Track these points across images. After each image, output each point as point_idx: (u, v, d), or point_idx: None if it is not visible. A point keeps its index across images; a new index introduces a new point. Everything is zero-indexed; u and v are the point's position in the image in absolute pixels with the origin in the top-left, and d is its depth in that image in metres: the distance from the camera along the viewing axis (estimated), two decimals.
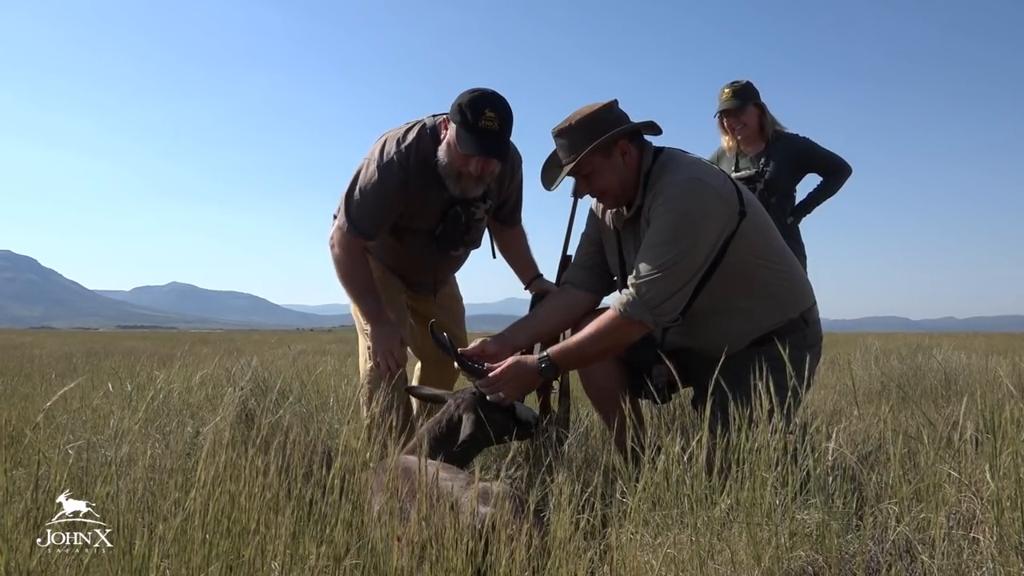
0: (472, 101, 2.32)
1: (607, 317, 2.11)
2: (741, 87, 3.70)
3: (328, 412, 2.87)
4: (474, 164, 2.40)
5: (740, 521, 1.41)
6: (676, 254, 2.03)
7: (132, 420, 2.19)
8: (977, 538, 1.38)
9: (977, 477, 1.57)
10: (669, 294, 2.05)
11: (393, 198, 2.50)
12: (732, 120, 3.73)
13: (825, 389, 4.07)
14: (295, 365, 4.50)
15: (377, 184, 2.47)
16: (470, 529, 1.30)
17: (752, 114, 3.70)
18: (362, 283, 2.58)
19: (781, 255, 2.25)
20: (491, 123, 2.32)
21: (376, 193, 2.48)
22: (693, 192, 2.07)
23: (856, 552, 1.40)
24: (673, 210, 2.06)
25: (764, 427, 1.53)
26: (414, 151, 2.48)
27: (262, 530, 1.26)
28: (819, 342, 2.30)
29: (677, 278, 2.04)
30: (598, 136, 2.13)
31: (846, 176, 3.79)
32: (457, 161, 2.41)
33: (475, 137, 2.32)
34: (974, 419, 2.12)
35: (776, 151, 3.69)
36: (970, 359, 5.29)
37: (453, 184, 2.48)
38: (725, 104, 3.71)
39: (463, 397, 2.17)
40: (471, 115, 2.31)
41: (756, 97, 3.71)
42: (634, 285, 2.07)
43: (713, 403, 1.67)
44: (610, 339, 2.13)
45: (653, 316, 2.06)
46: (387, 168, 2.46)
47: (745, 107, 3.67)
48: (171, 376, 3.43)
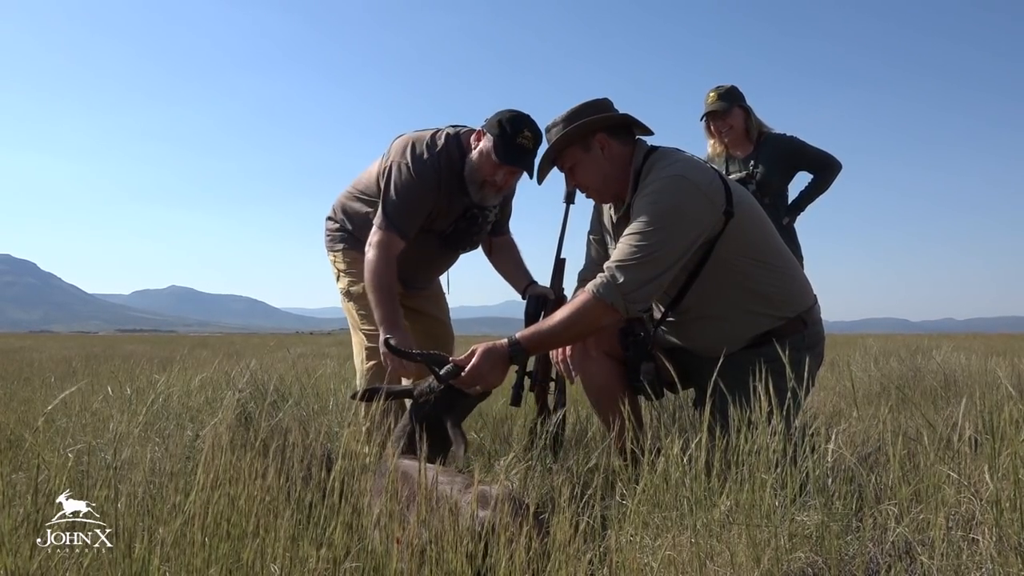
0: (513, 119, 2.56)
1: (579, 299, 2.12)
2: (726, 90, 3.71)
3: (328, 415, 2.87)
4: (502, 175, 2.60)
5: (739, 523, 1.41)
6: (653, 244, 2.04)
7: (132, 424, 2.19)
8: (976, 539, 1.38)
9: (976, 478, 1.57)
10: (643, 282, 2.05)
11: (429, 198, 2.65)
12: (719, 123, 3.73)
13: (824, 390, 4.07)
14: (295, 368, 4.50)
15: (416, 185, 2.62)
16: (470, 531, 1.30)
17: (738, 116, 3.71)
18: (388, 288, 2.61)
19: (778, 255, 2.25)
20: (527, 141, 2.54)
21: (414, 193, 2.62)
22: (675, 187, 2.09)
23: (856, 553, 1.40)
24: (654, 203, 2.08)
25: (763, 429, 1.53)
26: (444, 156, 2.66)
27: (261, 533, 1.26)
28: (820, 343, 2.29)
29: (652, 268, 2.05)
30: (577, 125, 2.20)
31: (836, 172, 3.79)
32: (487, 169, 2.60)
33: (511, 150, 2.53)
34: (973, 420, 2.12)
35: (764, 152, 3.70)
36: (969, 360, 5.29)
37: (475, 191, 2.66)
38: (711, 107, 3.71)
39: (430, 394, 2.15)
40: (511, 129, 2.53)
41: (741, 100, 3.72)
42: (609, 268, 2.08)
43: (712, 404, 1.67)
44: (580, 322, 2.10)
45: (625, 302, 2.05)
46: (423, 170, 2.62)
47: (731, 109, 3.68)
48: (170, 380, 3.43)
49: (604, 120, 2.24)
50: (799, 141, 3.76)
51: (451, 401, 2.13)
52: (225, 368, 3.97)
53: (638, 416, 2.39)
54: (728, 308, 2.20)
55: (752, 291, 2.19)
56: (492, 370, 2.12)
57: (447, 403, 2.12)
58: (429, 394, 2.15)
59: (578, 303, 2.11)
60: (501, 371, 2.16)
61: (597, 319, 2.12)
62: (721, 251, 2.14)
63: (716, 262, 2.15)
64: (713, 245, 2.14)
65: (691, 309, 2.23)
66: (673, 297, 2.25)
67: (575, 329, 2.13)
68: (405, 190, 2.62)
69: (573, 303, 2.13)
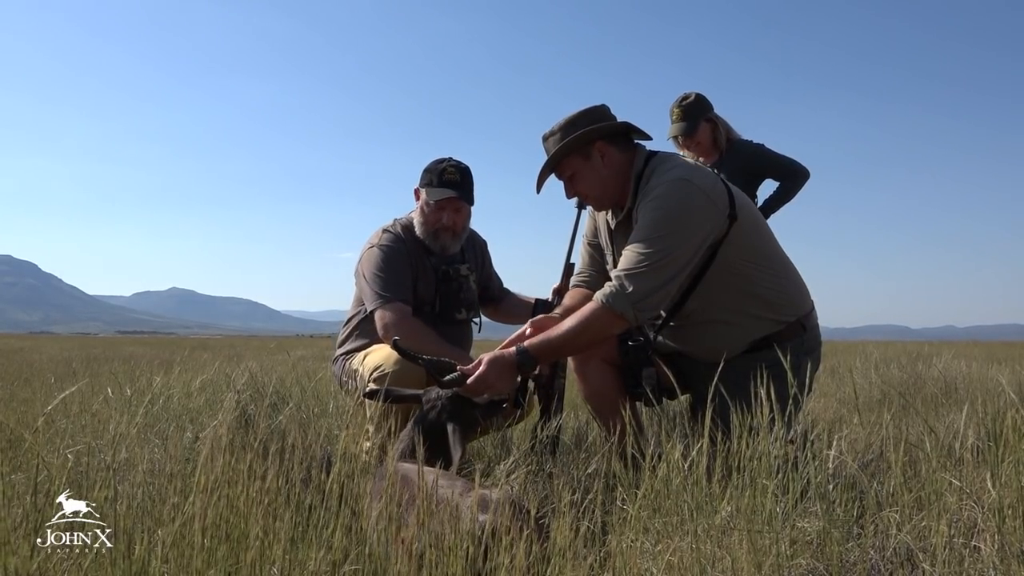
0: (433, 163, 2.80)
1: (588, 308, 2.10)
2: (690, 104, 3.67)
3: (327, 418, 2.87)
4: (447, 215, 2.77)
5: (741, 528, 1.41)
6: (661, 250, 2.03)
7: (131, 425, 2.19)
8: (978, 546, 1.38)
9: (978, 485, 1.57)
10: (653, 290, 2.04)
11: (405, 262, 2.78)
12: (687, 141, 3.71)
13: (825, 397, 4.06)
14: (295, 371, 4.50)
15: (389, 253, 2.77)
16: (470, 535, 1.29)
17: (704, 132, 3.69)
18: (433, 342, 2.57)
19: (778, 258, 2.25)
20: (453, 175, 2.76)
21: (390, 262, 2.75)
22: (680, 191, 2.08)
23: (857, 560, 1.40)
24: (659, 208, 2.07)
25: (765, 434, 1.53)
26: (401, 229, 2.87)
27: (261, 535, 1.25)
28: (818, 347, 2.29)
29: (661, 274, 2.04)
30: (575, 135, 2.19)
31: (803, 180, 3.74)
32: (432, 217, 2.77)
33: (441, 186, 2.74)
34: (975, 427, 2.12)
35: (728, 160, 3.68)
36: (970, 367, 5.29)
37: (433, 242, 2.81)
38: (675, 130, 3.69)
39: (437, 401, 2.14)
40: (435, 172, 2.77)
41: (706, 112, 3.68)
42: (618, 277, 2.07)
43: (712, 410, 1.67)
44: (589, 331, 2.09)
45: (634, 311, 2.04)
46: (390, 242, 2.80)
47: (696, 129, 3.66)
48: (171, 381, 3.43)
49: (603, 129, 2.23)
50: (763, 148, 3.73)
51: (457, 410, 2.11)
52: (225, 370, 3.97)
53: (638, 421, 2.38)
54: (730, 312, 2.20)
55: (754, 295, 2.19)
56: (499, 379, 2.11)
57: (452, 412, 2.10)
58: (436, 401, 2.14)
59: (587, 312, 2.09)
60: (509, 379, 2.15)
61: (606, 328, 2.11)
62: (724, 255, 2.14)
63: (719, 266, 2.15)
64: (717, 249, 2.13)
65: (693, 313, 2.23)
66: (676, 302, 2.25)
67: (584, 338, 2.12)
68: (383, 263, 2.74)
69: (582, 312, 2.11)
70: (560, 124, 2.24)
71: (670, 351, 2.38)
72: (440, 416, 2.10)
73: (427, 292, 2.83)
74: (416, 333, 2.57)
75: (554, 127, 2.26)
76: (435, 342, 2.57)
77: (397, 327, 2.57)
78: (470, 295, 2.93)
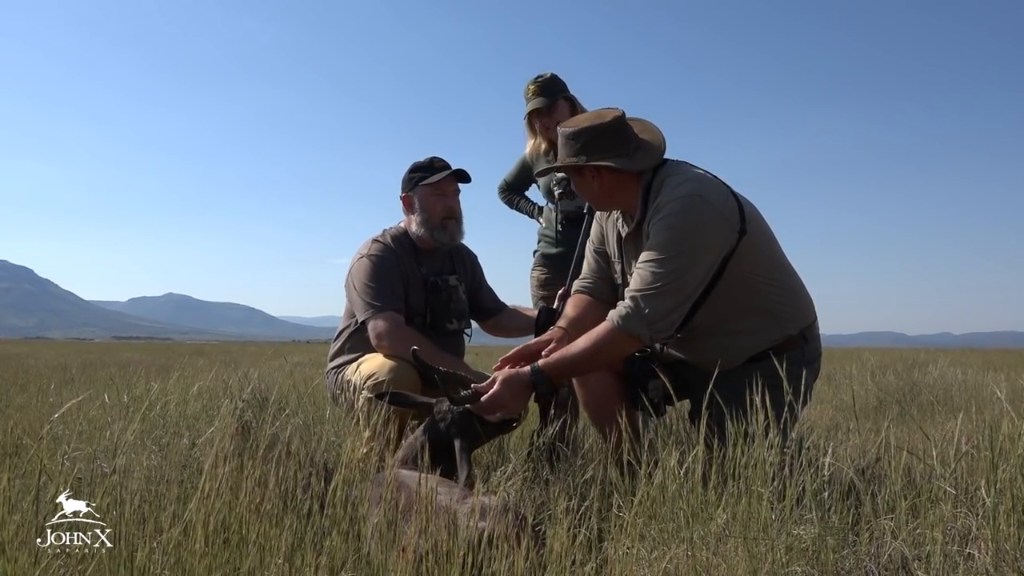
0: (415, 164, 2.85)
1: (602, 329, 2.09)
2: (546, 80, 3.40)
3: (325, 424, 2.87)
4: (450, 198, 2.81)
5: (736, 535, 1.41)
6: (675, 270, 2.02)
7: (128, 432, 2.19)
8: (973, 554, 1.39)
9: (973, 493, 1.57)
10: (668, 310, 2.04)
11: (394, 270, 2.77)
12: (544, 119, 3.41)
13: (822, 404, 4.07)
14: (292, 377, 4.49)
15: (379, 265, 2.75)
16: (467, 542, 1.30)
17: (563, 109, 3.40)
18: (431, 353, 2.47)
19: (783, 271, 2.24)
20: (442, 162, 2.82)
21: (380, 272, 2.74)
22: (693, 209, 2.06)
23: (852, 567, 1.40)
24: (672, 227, 2.05)
25: (760, 442, 1.54)
26: (391, 238, 2.87)
27: (261, 541, 1.26)
28: (818, 358, 2.29)
29: (676, 295, 2.03)
30: (571, 154, 2.17)
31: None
32: (435, 208, 2.79)
33: (434, 169, 2.79)
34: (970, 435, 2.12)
35: None
36: (966, 375, 5.30)
37: (441, 234, 2.81)
38: (534, 104, 3.39)
39: (448, 414, 2.12)
40: (424, 167, 2.81)
41: (564, 90, 3.43)
42: (632, 298, 2.05)
43: (709, 417, 1.67)
44: (605, 352, 2.09)
45: (650, 331, 2.04)
46: (379, 250, 2.80)
47: (555, 104, 3.38)
48: (168, 388, 3.43)
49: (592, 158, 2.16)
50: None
51: (466, 425, 2.10)
52: (223, 377, 3.96)
53: (635, 429, 2.38)
54: (737, 325, 2.18)
55: (760, 308, 2.18)
56: (513, 399, 2.09)
57: (462, 426, 2.09)
58: (447, 413, 2.13)
59: (602, 333, 2.08)
60: (523, 400, 2.13)
61: (622, 350, 2.12)
62: (734, 269, 2.12)
63: (729, 280, 2.13)
64: (726, 263, 2.12)
65: (700, 326, 2.21)
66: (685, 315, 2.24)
67: (600, 359, 2.12)
68: (374, 273, 2.72)
69: (597, 332, 2.09)
70: (570, 131, 2.18)
71: (672, 360, 2.38)
72: (449, 429, 2.09)
73: (418, 303, 2.81)
74: (412, 342, 2.52)
75: (567, 127, 2.20)
76: (433, 351, 2.56)
77: (391, 336, 2.57)
78: (460, 305, 2.92)
